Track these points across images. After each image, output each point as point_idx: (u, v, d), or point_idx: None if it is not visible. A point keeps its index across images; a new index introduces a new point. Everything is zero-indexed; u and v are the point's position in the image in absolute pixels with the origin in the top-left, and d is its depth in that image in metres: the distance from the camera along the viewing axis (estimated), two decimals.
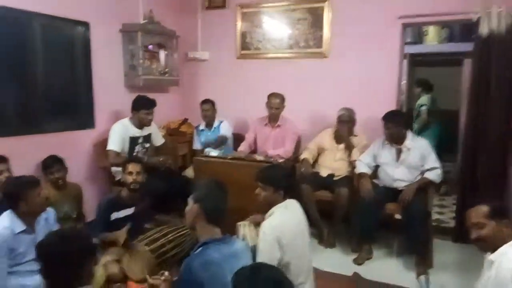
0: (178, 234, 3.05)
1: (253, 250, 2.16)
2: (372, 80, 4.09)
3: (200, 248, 1.70)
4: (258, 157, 3.50)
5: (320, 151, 3.90)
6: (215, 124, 4.26)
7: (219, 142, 3.99)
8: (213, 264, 1.61)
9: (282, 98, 3.94)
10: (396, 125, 3.32)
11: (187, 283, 1.58)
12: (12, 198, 2.30)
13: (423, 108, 5.21)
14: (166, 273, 2.06)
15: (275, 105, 3.90)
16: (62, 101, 3.67)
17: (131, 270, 2.83)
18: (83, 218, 3.43)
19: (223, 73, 4.79)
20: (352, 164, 3.68)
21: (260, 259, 2.09)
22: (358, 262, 3.30)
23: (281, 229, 2.13)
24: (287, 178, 2.37)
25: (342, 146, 3.79)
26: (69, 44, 3.67)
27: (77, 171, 3.60)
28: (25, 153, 3.17)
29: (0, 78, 3.14)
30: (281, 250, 2.12)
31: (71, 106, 3.77)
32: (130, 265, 2.83)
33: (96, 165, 3.86)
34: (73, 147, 3.64)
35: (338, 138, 3.82)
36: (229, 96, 4.58)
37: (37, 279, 1.87)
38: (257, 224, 2.75)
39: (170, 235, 3.00)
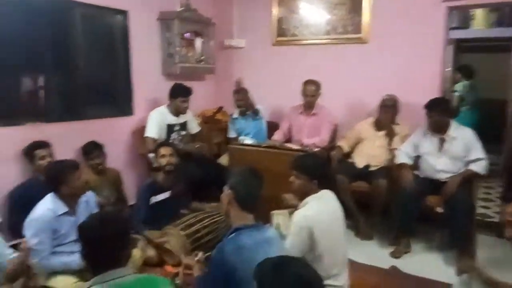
0: (213, 221, 3.09)
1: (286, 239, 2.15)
2: (414, 66, 3.91)
3: (233, 234, 1.70)
4: (293, 146, 3.44)
5: (358, 141, 3.79)
6: (249, 111, 4.23)
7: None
8: (245, 250, 1.61)
9: (317, 85, 3.85)
10: (440, 113, 3.17)
11: (219, 267, 1.58)
12: (54, 181, 2.40)
13: (455, 94, 4.97)
14: (200, 253, 2.09)
15: (310, 92, 3.82)
16: (102, 88, 3.79)
17: (167, 253, 2.90)
18: (124, 202, 3.53)
19: (259, 60, 4.73)
20: (392, 153, 3.55)
21: (290, 248, 2.08)
22: (395, 255, 3.20)
23: (314, 220, 2.09)
24: (322, 167, 2.32)
25: (382, 133, 3.66)
26: (108, 33, 3.76)
27: (117, 157, 3.70)
28: (67, 138, 3.29)
29: (45, 66, 3.27)
30: (314, 241, 2.09)
31: (111, 93, 3.89)
32: (166, 249, 2.90)
33: (135, 151, 3.95)
34: (113, 134, 3.74)
35: (379, 125, 3.69)
36: (264, 84, 4.53)
37: (78, 258, 1.94)
38: (291, 213, 2.74)
39: (205, 221, 3.06)
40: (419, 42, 3.86)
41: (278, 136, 3.97)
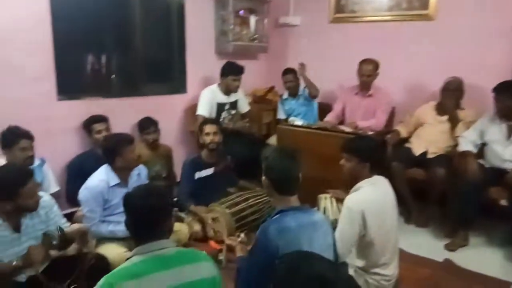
0: (258, 201, 3.09)
1: (333, 225, 2.08)
2: (483, 46, 3.56)
3: (278, 215, 1.66)
4: (345, 128, 3.30)
5: (417, 126, 3.56)
6: (300, 91, 4.13)
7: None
8: (289, 231, 1.57)
9: (375, 65, 3.63)
10: (510, 98, 2.87)
11: (263, 247, 1.56)
12: (109, 153, 2.51)
13: None
14: (242, 235, 2.08)
15: (367, 72, 3.62)
16: (159, 66, 3.89)
17: (212, 230, 2.96)
18: (173, 178, 3.64)
19: (314, 39, 4.57)
20: (454, 140, 3.29)
21: (340, 233, 2.02)
22: (450, 248, 3.00)
23: (367, 205, 2.02)
24: (374, 150, 2.19)
25: (444, 118, 3.40)
26: (165, 12, 3.81)
27: (169, 133, 3.79)
28: (124, 113, 3.43)
29: (106, 45, 3.42)
30: (365, 227, 2.01)
31: (166, 71, 3.97)
32: (211, 225, 2.95)
33: (186, 128, 4.03)
34: (166, 111, 3.83)
35: (441, 109, 3.43)
36: (319, 64, 4.35)
37: (124, 228, 2.01)
38: (339, 200, 2.65)
39: (250, 200, 3.06)
40: (491, 20, 3.50)
41: (330, 117, 3.83)
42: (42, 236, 1.92)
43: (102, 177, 2.48)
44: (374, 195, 2.08)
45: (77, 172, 2.88)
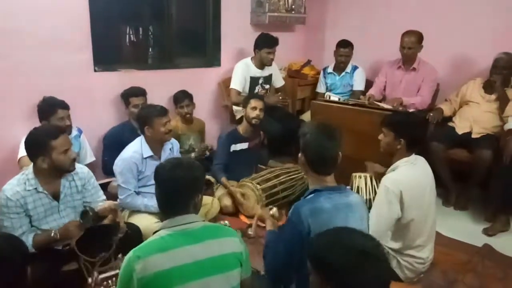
0: (290, 178, 3.05)
1: (367, 204, 2.02)
2: None
3: (312, 195, 1.60)
4: (385, 105, 3.15)
5: (462, 104, 3.35)
6: (348, 69, 3.96)
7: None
8: (323, 213, 1.51)
9: (418, 37, 3.40)
10: None
11: (295, 227, 1.52)
12: (141, 123, 2.55)
13: None
14: (275, 209, 2.06)
15: (408, 44, 3.40)
16: (194, 39, 3.87)
17: (243, 205, 2.96)
18: (204, 153, 3.64)
19: (356, 9, 4.32)
20: (502, 120, 3.07)
21: (376, 214, 1.97)
22: (489, 233, 2.86)
23: (405, 185, 1.96)
24: (411, 127, 2.09)
25: (493, 97, 3.17)
26: None
27: (201, 107, 3.78)
28: (158, 86, 3.43)
29: (141, 17, 3.42)
30: (402, 208, 1.97)
31: (200, 43, 3.94)
32: (242, 200, 2.95)
33: (219, 102, 4.00)
34: (200, 84, 3.81)
35: (489, 87, 3.19)
36: (360, 36, 4.14)
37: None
38: (377, 176, 2.56)
39: (282, 177, 3.02)
40: None
41: (372, 93, 3.64)
42: (81, 213, 1.99)
43: (136, 148, 2.52)
44: (412, 175, 2.01)
45: (112, 143, 2.94)
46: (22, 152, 2.50)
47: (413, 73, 3.52)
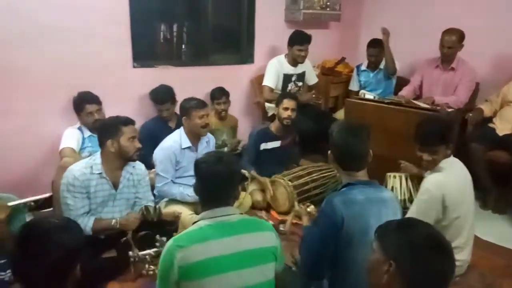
0: (322, 175, 3.03)
1: (401, 205, 1.98)
2: None
3: (345, 188, 1.61)
4: (421, 104, 3.07)
5: (503, 105, 3.22)
6: (381, 65, 3.88)
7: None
8: (356, 204, 1.52)
9: (459, 36, 3.28)
10: None
11: (327, 218, 1.53)
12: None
13: None
14: (312, 206, 2.06)
15: (448, 43, 3.29)
16: (228, 36, 3.91)
17: (274, 201, 2.98)
18: (236, 149, 3.68)
19: (393, 6, 4.22)
20: None
21: (413, 214, 1.95)
22: None
23: (447, 187, 1.94)
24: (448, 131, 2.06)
25: None
26: None
27: (234, 103, 3.79)
28: (192, 82, 3.48)
29: (178, 15, 3.49)
30: (443, 210, 1.95)
31: (235, 41, 3.97)
32: (274, 196, 2.97)
33: (251, 99, 4.03)
34: (233, 81, 3.84)
35: None
36: (397, 34, 4.03)
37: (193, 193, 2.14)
38: (411, 176, 2.52)
39: (314, 174, 3.01)
40: None
41: (406, 91, 3.56)
42: (143, 208, 2.19)
43: (175, 139, 2.62)
44: (454, 178, 1.99)
45: (147, 137, 3.01)
46: (64, 143, 2.64)
47: (451, 72, 3.41)
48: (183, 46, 3.63)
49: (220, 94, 3.47)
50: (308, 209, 2.05)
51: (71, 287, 1.12)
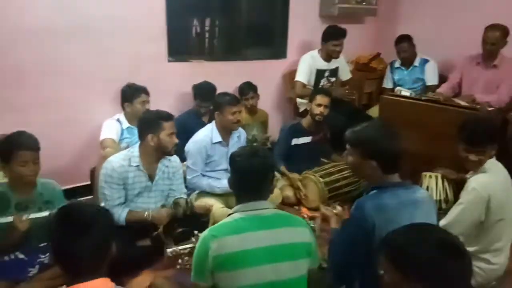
0: None
1: (437, 205, 1.93)
2: None
3: (375, 191, 1.55)
4: (461, 102, 2.96)
5: None
6: (416, 62, 3.78)
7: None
8: (388, 209, 1.46)
9: (503, 31, 3.12)
10: None
11: (357, 224, 1.48)
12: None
13: None
14: (339, 207, 2.04)
15: (492, 39, 3.14)
16: (261, 31, 3.90)
17: (305, 197, 2.96)
18: (266, 144, 3.68)
19: (432, 0, 4.09)
20: None
21: (456, 215, 1.91)
22: None
23: (494, 188, 1.88)
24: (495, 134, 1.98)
25: None
26: None
27: (266, 98, 3.81)
28: (224, 77, 3.50)
29: (211, 10, 3.51)
30: (488, 211, 1.88)
31: (268, 36, 3.97)
32: (304, 192, 2.95)
33: (283, 94, 4.01)
34: (265, 76, 3.84)
35: None
36: (434, 30, 3.91)
37: (224, 183, 2.21)
38: (447, 178, 2.44)
39: (345, 172, 2.97)
40: None
41: (444, 89, 3.44)
42: (172, 203, 2.25)
43: (207, 133, 2.65)
44: (499, 179, 1.93)
45: (180, 130, 3.03)
46: (104, 134, 2.72)
47: (493, 70, 3.26)
48: (217, 41, 3.65)
49: (247, 89, 3.48)
50: (335, 210, 2.03)
51: (107, 269, 1.16)
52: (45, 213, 1.87)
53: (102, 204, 2.16)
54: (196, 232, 2.05)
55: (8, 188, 1.87)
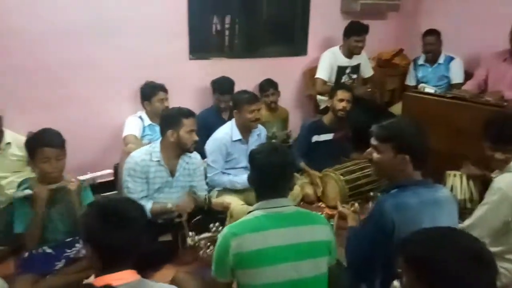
0: None
1: (460, 205, 1.89)
2: None
3: (396, 190, 1.52)
4: (488, 99, 2.87)
5: None
6: (441, 59, 3.69)
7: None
8: (409, 208, 1.44)
9: None
10: None
11: (377, 223, 1.47)
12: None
13: None
14: (356, 204, 2.02)
15: None
16: (281, 28, 3.88)
17: (325, 195, 2.94)
18: (287, 141, 3.67)
19: None
20: None
21: (481, 215, 1.86)
22: None
23: None
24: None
25: None
26: None
27: (286, 96, 3.79)
28: (244, 74, 3.50)
29: (232, 8, 3.51)
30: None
31: (288, 33, 3.94)
32: (324, 190, 2.94)
33: (303, 92, 3.98)
34: (285, 73, 3.82)
35: None
36: (459, 25, 3.79)
37: (245, 178, 2.26)
38: (471, 177, 2.38)
39: (367, 170, 2.93)
40: None
41: (470, 86, 3.35)
42: (192, 192, 2.31)
43: (227, 130, 2.67)
44: None
45: (201, 126, 3.07)
46: (127, 130, 2.78)
47: None
48: (237, 39, 3.66)
49: (268, 86, 3.48)
50: (352, 208, 2.01)
51: (133, 264, 1.18)
52: (62, 184, 1.92)
53: None
54: (211, 225, 2.09)
55: (36, 184, 1.93)
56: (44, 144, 1.85)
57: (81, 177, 2.00)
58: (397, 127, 1.54)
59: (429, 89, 3.17)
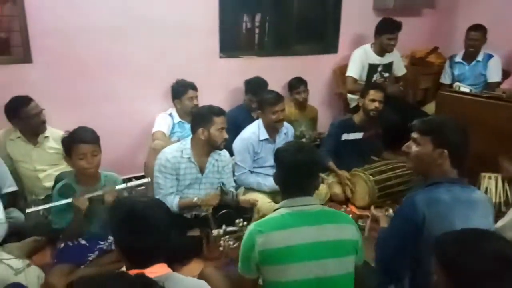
0: (407, 172, 2.87)
1: (495, 208, 1.82)
2: None
3: (429, 186, 1.49)
4: None
5: None
6: (479, 57, 3.56)
7: None
8: (441, 204, 1.40)
9: None
10: None
11: (407, 216, 1.44)
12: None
13: None
14: (391, 210, 1.98)
15: None
16: (312, 26, 3.85)
17: (354, 195, 2.91)
18: (315, 140, 3.64)
19: None
20: None
21: None
22: None
23: None
24: None
25: None
26: None
27: (315, 94, 3.75)
28: (274, 72, 3.51)
29: (262, 6, 3.53)
30: None
31: (319, 30, 3.91)
32: (353, 190, 2.90)
33: (333, 90, 3.94)
34: (315, 71, 3.79)
35: None
36: (497, 22, 3.63)
37: (272, 182, 2.17)
38: (507, 179, 2.30)
39: (398, 170, 2.88)
40: None
41: (508, 85, 3.22)
42: (220, 188, 2.33)
43: (254, 130, 2.69)
44: None
45: (231, 124, 3.10)
46: (156, 127, 2.86)
47: None
48: (267, 37, 3.66)
49: (298, 84, 3.47)
50: (387, 213, 1.98)
51: (163, 258, 1.22)
52: (99, 192, 1.97)
53: (156, 194, 2.27)
54: (237, 220, 2.11)
55: (74, 180, 2.02)
56: (79, 141, 1.91)
57: (119, 187, 2.04)
58: (439, 122, 1.54)
59: (464, 88, 3.07)
